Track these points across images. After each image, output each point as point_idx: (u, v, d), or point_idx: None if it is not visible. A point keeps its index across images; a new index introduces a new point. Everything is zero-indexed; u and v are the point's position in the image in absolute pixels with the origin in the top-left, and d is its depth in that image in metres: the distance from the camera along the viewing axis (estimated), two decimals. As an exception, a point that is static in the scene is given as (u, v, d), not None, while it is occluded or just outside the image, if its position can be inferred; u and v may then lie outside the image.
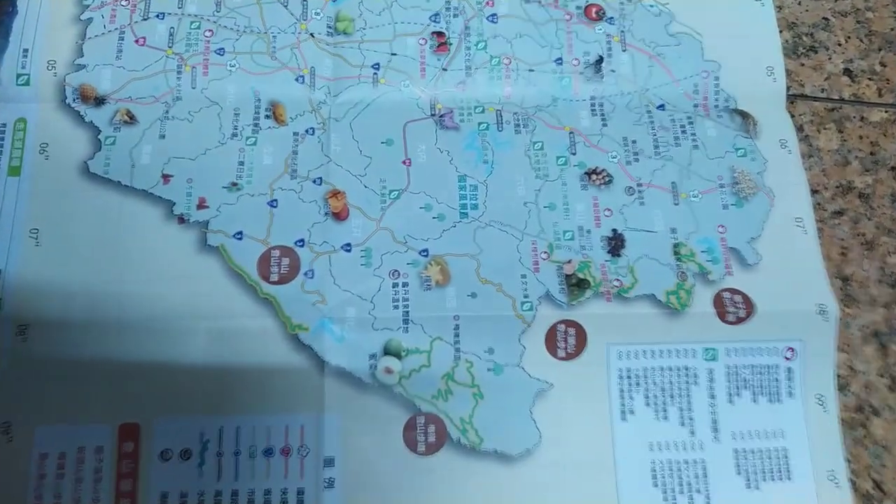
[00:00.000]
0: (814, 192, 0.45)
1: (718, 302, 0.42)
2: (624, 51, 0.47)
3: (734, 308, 0.42)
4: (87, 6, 0.46)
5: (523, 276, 0.42)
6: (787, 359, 0.42)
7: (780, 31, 0.48)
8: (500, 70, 0.46)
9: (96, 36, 0.45)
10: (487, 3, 0.48)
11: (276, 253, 0.41)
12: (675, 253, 0.43)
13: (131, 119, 0.44)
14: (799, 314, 0.42)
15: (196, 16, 0.46)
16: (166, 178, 0.42)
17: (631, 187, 0.44)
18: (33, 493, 0.38)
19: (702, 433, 0.41)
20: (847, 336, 0.43)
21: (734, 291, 0.42)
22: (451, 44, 0.47)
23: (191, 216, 0.42)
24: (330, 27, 0.46)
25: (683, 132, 0.45)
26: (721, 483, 0.40)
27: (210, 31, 0.46)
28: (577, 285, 0.42)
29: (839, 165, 0.46)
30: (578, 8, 0.48)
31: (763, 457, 0.41)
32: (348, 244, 0.42)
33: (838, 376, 0.42)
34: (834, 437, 0.41)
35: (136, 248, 0.41)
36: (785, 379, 0.42)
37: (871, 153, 0.46)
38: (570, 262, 0.42)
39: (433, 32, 0.47)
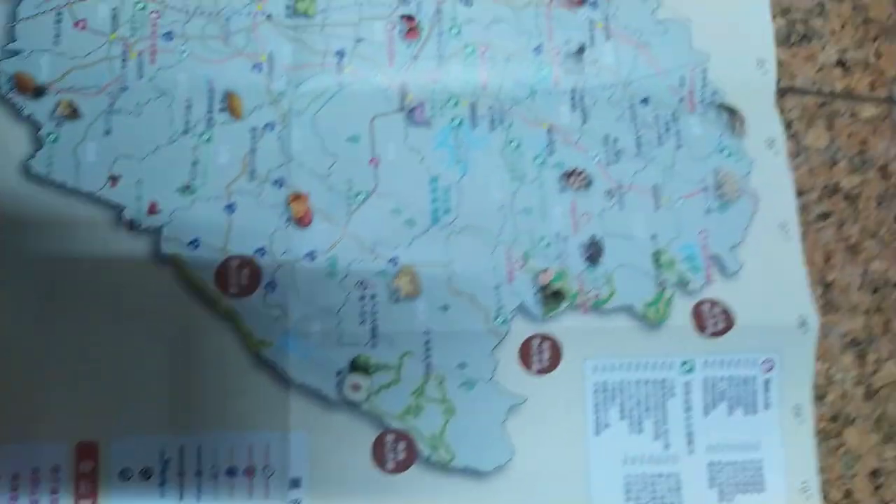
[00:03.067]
0: (799, 193, 0.43)
1: (698, 314, 0.41)
2: (608, 39, 0.44)
3: (713, 321, 0.40)
4: (19, -18, 0.41)
5: (497, 287, 0.40)
6: (765, 371, 0.41)
7: (773, 17, 0.45)
8: (474, 58, 0.43)
9: (29, 17, 0.41)
10: (463, -18, 0.44)
11: (235, 263, 0.39)
12: (655, 261, 0.41)
13: (74, 113, 0.40)
14: (779, 327, 0.41)
15: (142, -7, 0.42)
16: (114, 179, 0.39)
17: (611, 190, 0.42)
18: (-17, 521, 0.36)
19: (676, 446, 0.40)
20: (826, 344, 0.42)
21: (713, 303, 0.41)
22: (421, 29, 0.43)
23: (141, 222, 0.39)
24: (289, 7, 0.43)
25: (667, 130, 0.43)
26: (694, 496, 0.40)
27: (156, 12, 0.41)
28: (552, 296, 0.40)
29: (826, 165, 0.44)
30: (560, -10, 0.44)
31: (737, 469, 0.40)
32: (312, 252, 0.39)
33: (815, 386, 0.41)
34: (808, 448, 0.41)
35: (84, 258, 0.38)
36: (762, 390, 0.41)
37: (860, 152, 0.45)
38: (546, 271, 0.40)
39: (402, 16, 0.43)
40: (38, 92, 0.40)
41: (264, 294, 0.39)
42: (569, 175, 0.42)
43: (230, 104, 0.41)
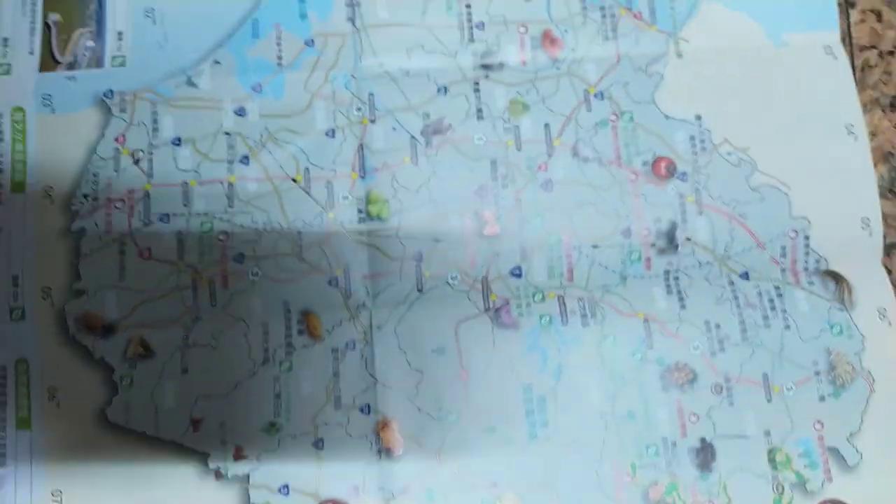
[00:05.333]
0: (918, 366, 0.40)
1: (821, 520, 0.38)
2: (700, 213, 0.41)
3: (839, 527, 0.38)
4: (77, 212, 0.39)
5: (605, 507, 0.38)
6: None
7: (875, 165, 0.42)
8: (559, 248, 0.40)
9: (92, 251, 0.39)
10: (540, 167, 0.41)
11: (329, 505, 0.37)
12: (770, 461, 0.39)
13: (147, 351, 0.38)
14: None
15: (206, 214, 0.39)
16: (196, 423, 0.37)
17: (718, 384, 0.39)
18: None
19: None
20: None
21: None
22: (501, 222, 0.40)
23: (228, 469, 0.37)
24: (361, 211, 0.40)
25: (773, 308, 0.40)
26: None
27: (225, 234, 0.39)
28: (665, 513, 0.38)
29: (946, 332, 0.41)
30: (645, 164, 0.41)
31: None
32: (405, 487, 0.37)
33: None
34: None
35: (173, 512, 0.37)
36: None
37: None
38: (656, 484, 0.38)
39: (480, 212, 0.40)
40: (108, 331, 0.38)
41: (362, 535, 0.37)
42: (671, 370, 0.39)
43: (308, 325, 0.39)
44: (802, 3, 0.43)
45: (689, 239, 0.41)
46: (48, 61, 0.40)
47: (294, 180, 0.40)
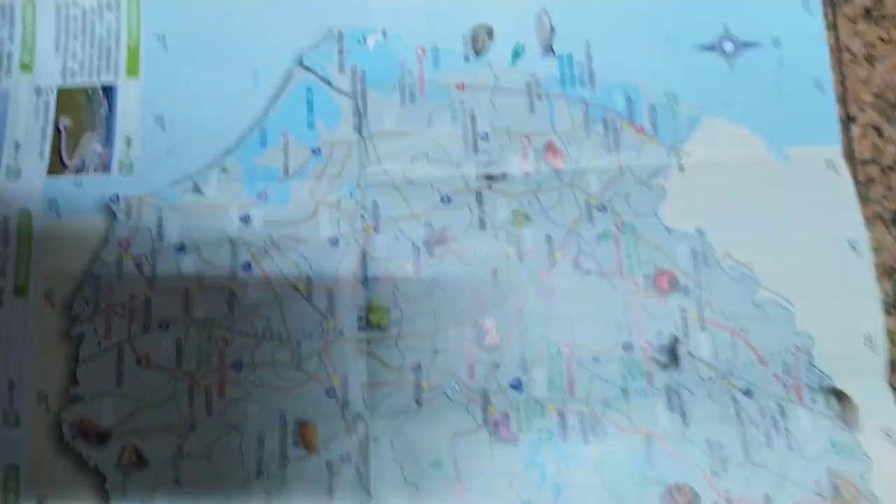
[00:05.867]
0: (926, 491, 0.39)
1: None
2: (703, 328, 0.41)
3: None
4: (77, 316, 0.39)
5: None
6: None
7: (879, 281, 0.42)
8: (560, 361, 0.40)
9: (91, 357, 0.39)
10: (541, 273, 0.41)
11: None
12: (774, 589, 0.37)
13: (140, 460, 0.38)
14: None
15: (206, 321, 0.39)
16: (186, 537, 0.37)
17: (719, 506, 0.38)
18: None
19: None
20: None
21: None
22: (501, 333, 0.40)
23: (219, 588, 0.36)
24: (361, 318, 0.40)
25: (776, 427, 0.39)
26: None
27: (224, 339, 0.39)
28: None
29: (953, 455, 0.40)
30: (647, 277, 0.41)
31: None
32: None
33: None
34: None
35: None
36: None
37: None
38: None
39: (480, 322, 0.40)
40: (102, 438, 0.38)
41: None
42: (672, 491, 0.39)
43: (304, 436, 0.38)
44: (804, 118, 0.43)
45: (691, 354, 0.40)
46: (56, 164, 0.41)
47: (296, 287, 0.40)
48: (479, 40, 0.43)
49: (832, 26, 0.45)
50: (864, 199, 0.43)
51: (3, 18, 0.43)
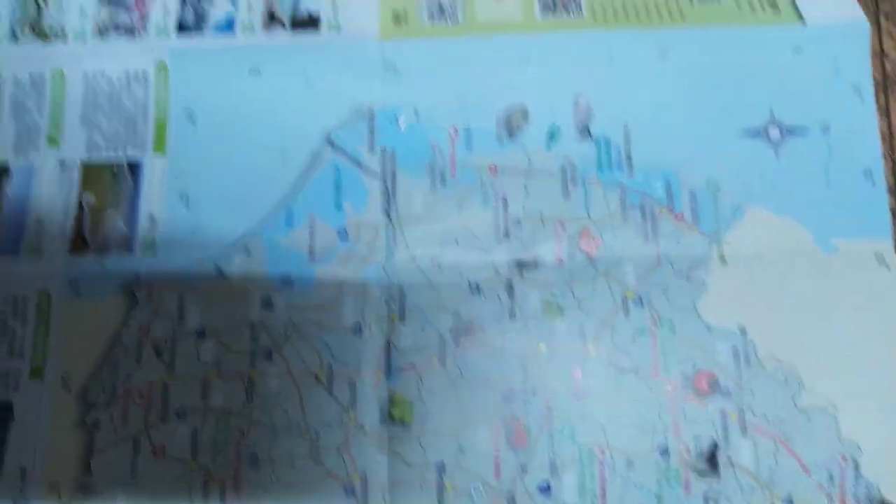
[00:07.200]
0: None
1: None
2: (744, 434, 0.38)
3: None
4: (93, 403, 0.38)
5: None
6: None
7: (931, 383, 0.39)
8: (592, 465, 0.38)
9: (106, 446, 0.37)
10: (573, 374, 0.39)
11: None
12: None
13: (151, 557, 0.36)
14: None
15: (224, 410, 0.38)
16: None
17: None
18: None
19: None
20: None
21: None
22: (529, 432, 0.38)
23: None
24: (383, 412, 0.38)
25: (818, 544, 0.37)
26: None
27: (241, 430, 0.38)
28: None
29: None
30: (685, 377, 0.39)
31: None
32: None
33: None
34: None
35: None
36: None
37: None
38: None
39: (508, 420, 0.38)
40: (114, 533, 0.37)
41: None
42: None
43: (321, 538, 0.37)
44: (853, 209, 0.41)
45: (731, 461, 0.38)
46: (77, 241, 0.40)
47: (316, 377, 0.39)
48: (514, 121, 0.42)
49: (884, 112, 0.43)
50: (916, 296, 0.41)
51: (32, 89, 0.42)
